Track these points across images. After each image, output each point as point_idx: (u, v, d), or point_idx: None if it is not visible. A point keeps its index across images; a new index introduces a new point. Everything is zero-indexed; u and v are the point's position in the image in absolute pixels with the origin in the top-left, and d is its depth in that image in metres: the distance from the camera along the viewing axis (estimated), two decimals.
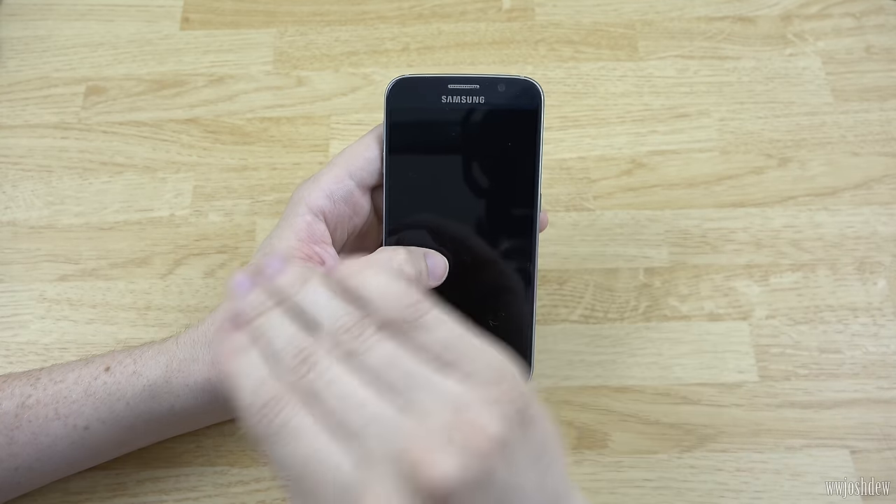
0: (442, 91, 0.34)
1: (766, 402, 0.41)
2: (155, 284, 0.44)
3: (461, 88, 0.34)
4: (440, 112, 0.35)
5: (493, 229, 0.35)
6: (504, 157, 0.35)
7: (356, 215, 0.36)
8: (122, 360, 0.35)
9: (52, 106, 0.50)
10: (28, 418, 0.34)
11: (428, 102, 0.35)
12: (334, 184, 0.35)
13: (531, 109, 0.34)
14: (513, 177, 0.35)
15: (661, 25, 0.53)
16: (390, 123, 0.35)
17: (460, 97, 0.35)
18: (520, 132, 0.35)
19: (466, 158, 0.35)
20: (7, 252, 0.46)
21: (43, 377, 0.35)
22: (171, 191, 0.47)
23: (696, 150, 0.48)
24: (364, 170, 0.35)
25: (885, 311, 0.43)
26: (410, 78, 0.35)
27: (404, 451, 0.20)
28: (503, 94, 0.34)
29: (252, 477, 0.39)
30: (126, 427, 0.35)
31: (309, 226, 0.34)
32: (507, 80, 0.34)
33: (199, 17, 0.54)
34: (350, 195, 0.35)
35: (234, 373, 0.23)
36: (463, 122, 0.35)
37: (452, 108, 0.35)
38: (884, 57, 0.51)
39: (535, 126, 0.34)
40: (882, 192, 0.46)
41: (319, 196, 0.34)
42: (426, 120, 0.35)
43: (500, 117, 0.35)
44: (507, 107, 0.34)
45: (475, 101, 0.35)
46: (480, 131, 0.35)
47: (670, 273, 0.44)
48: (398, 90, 0.35)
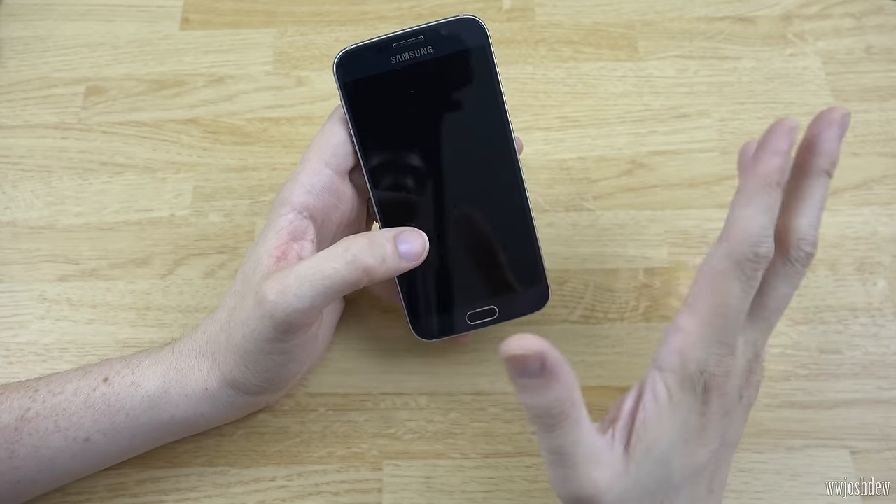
0: (389, 52, 0.34)
1: (765, 402, 0.41)
2: (155, 285, 0.44)
3: (407, 44, 0.34)
4: (393, 73, 0.35)
5: (477, 170, 0.36)
6: (468, 99, 0.35)
7: (341, 203, 0.36)
8: (119, 370, 0.35)
9: (52, 106, 0.50)
10: (28, 431, 0.34)
11: (378, 67, 0.35)
12: (312, 177, 0.34)
13: (480, 45, 0.35)
14: (481, 114, 0.35)
15: (661, 25, 0.53)
16: (348, 99, 0.35)
17: (408, 52, 0.34)
18: (475, 70, 0.35)
19: (432, 111, 0.35)
20: (7, 252, 0.46)
21: (41, 389, 0.35)
22: (171, 191, 0.47)
23: (696, 151, 0.48)
24: (337, 155, 0.35)
25: (885, 311, 0.43)
26: (354, 48, 0.34)
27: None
28: (448, 37, 0.34)
29: (252, 477, 0.39)
30: (127, 437, 0.35)
31: (291, 223, 0.34)
32: (449, 23, 0.34)
33: (199, 18, 0.54)
34: (330, 184, 0.35)
35: (718, 288, 0.28)
36: (418, 76, 0.35)
37: (404, 65, 0.34)
38: (884, 57, 0.51)
39: (488, 59, 0.35)
40: (882, 192, 0.46)
41: (300, 192, 0.34)
42: (381, 85, 0.35)
43: (452, 61, 0.35)
44: (456, 49, 0.35)
45: (424, 53, 0.34)
46: (438, 80, 0.35)
47: (670, 273, 0.44)
48: (345, 63, 0.34)
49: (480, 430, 0.40)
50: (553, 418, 0.27)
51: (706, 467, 0.29)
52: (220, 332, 0.35)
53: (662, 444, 0.28)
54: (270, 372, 0.34)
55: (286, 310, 0.32)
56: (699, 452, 0.29)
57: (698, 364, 0.28)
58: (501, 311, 0.38)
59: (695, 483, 0.29)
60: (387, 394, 0.41)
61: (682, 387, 0.28)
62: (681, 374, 0.28)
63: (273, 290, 0.32)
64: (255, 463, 0.40)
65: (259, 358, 0.34)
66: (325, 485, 0.39)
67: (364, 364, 0.42)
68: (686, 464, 0.29)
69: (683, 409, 0.28)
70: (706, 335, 0.28)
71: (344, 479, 0.39)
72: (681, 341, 0.28)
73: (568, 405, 0.27)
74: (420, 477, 0.39)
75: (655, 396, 0.28)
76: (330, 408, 0.41)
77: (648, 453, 0.28)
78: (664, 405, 0.28)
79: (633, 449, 0.28)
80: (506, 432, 0.40)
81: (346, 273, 0.32)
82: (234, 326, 0.34)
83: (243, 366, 0.34)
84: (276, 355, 0.34)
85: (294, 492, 0.39)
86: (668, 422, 0.28)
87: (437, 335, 0.38)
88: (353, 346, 0.43)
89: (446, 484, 0.39)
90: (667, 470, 0.28)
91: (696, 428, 0.28)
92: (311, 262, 0.32)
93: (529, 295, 0.38)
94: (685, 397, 0.28)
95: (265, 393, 0.37)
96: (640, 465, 0.28)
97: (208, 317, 0.37)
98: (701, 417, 0.28)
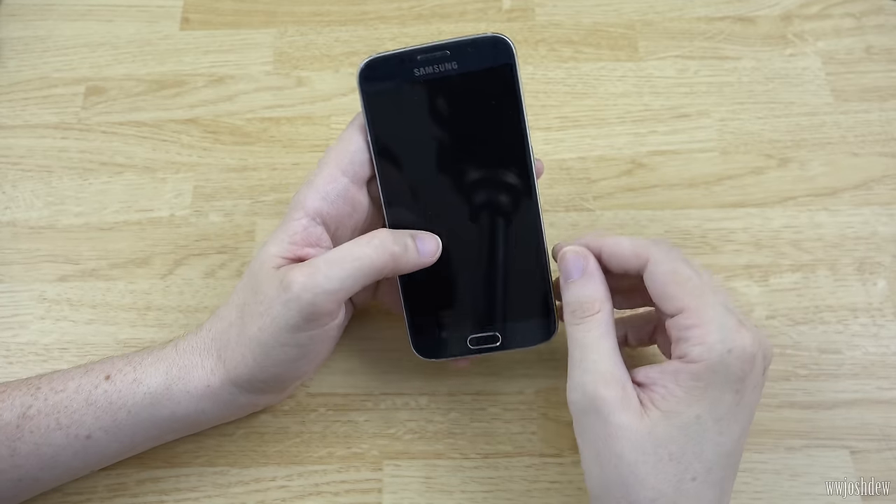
0: (413, 64, 0.34)
1: (765, 402, 0.41)
2: (155, 285, 0.44)
3: (432, 58, 0.34)
4: (416, 85, 0.34)
5: (493, 192, 0.35)
6: (489, 117, 0.35)
7: (355, 212, 0.36)
8: (121, 367, 0.35)
9: (52, 106, 0.50)
10: (30, 429, 0.34)
11: (401, 79, 0.34)
12: (328, 184, 0.34)
13: (506, 63, 0.34)
14: (501, 135, 0.35)
15: (661, 25, 0.53)
16: (369, 108, 0.35)
17: (433, 66, 0.34)
18: (499, 88, 0.34)
19: (452, 126, 0.35)
20: (7, 252, 0.46)
21: (43, 386, 0.35)
22: (171, 191, 0.47)
23: (696, 151, 0.48)
24: (354, 163, 0.35)
25: (885, 311, 0.43)
26: (379, 57, 0.34)
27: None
28: (475, 54, 0.34)
29: (252, 477, 0.39)
30: (128, 434, 0.35)
31: (304, 229, 0.34)
32: (476, 40, 0.34)
33: (199, 18, 0.54)
34: (346, 192, 0.35)
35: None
36: (441, 90, 0.34)
37: (427, 79, 0.34)
38: (884, 57, 0.51)
39: (513, 78, 0.34)
40: (882, 192, 0.46)
41: (315, 199, 0.34)
42: (404, 96, 0.34)
43: (476, 78, 0.34)
44: (481, 66, 0.34)
45: (449, 68, 0.34)
46: (460, 96, 0.34)
47: None
48: (369, 72, 0.34)
49: (480, 430, 0.40)
50: (584, 311, 0.33)
51: (737, 445, 0.31)
52: (229, 327, 0.35)
53: (685, 416, 0.30)
54: (279, 367, 0.34)
55: (315, 291, 0.32)
56: (733, 428, 0.30)
57: (723, 344, 0.30)
58: (505, 339, 0.37)
59: (727, 464, 0.30)
60: (387, 394, 0.41)
61: (711, 370, 0.30)
62: (708, 360, 0.30)
63: (302, 273, 0.32)
64: (255, 463, 0.40)
65: (272, 351, 0.34)
66: (326, 485, 0.39)
67: (364, 364, 0.42)
68: (720, 441, 0.30)
69: (715, 388, 0.30)
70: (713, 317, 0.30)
71: (344, 479, 0.39)
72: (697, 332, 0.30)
73: (599, 304, 0.33)
74: (420, 477, 0.39)
75: (678, 380, 0.30)
76: (330, 408, 0.41)
77: (667, 419, 0.30)
78: (687, 388, 0.30)
79: (646, 408, 0.31)
80: (506, 432, 0.40)
81: (375, 256, 0.33)
82: (249, 319, 0.34)
83: (252, 360, 0.34)
84: (290, 347, 0.34)
85: (294, 492, 0.39)
86: (696, 399, 0.30)
87: (436, 355, 0.38)
88: (354, 346, 0.43)
89: (446, 484, 0.39)
90: (696, 444, 0.30)
91: (730, 404, 0.30)
92: (340, 249, 0.33)
93: (535, 326, 0.37)
94: (716, 378, 0.30)
95: (267, 392, 0.37)
96: (657, 423, 0.30)
97: (212, 315, 0.37)
98: (736, 394, 0.30)
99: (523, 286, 0.36)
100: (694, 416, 0.30)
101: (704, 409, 0.30)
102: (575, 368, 0.32)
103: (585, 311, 0.33)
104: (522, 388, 0.41)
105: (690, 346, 0.30)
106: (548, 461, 0.39)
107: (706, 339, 0.30)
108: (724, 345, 0.30)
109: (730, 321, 0.30)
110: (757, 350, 0.30)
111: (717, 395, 0.30)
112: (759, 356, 0.31)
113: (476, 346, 0.37)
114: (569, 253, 0.34)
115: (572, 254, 0.34)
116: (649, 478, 0.29)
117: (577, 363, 0.32)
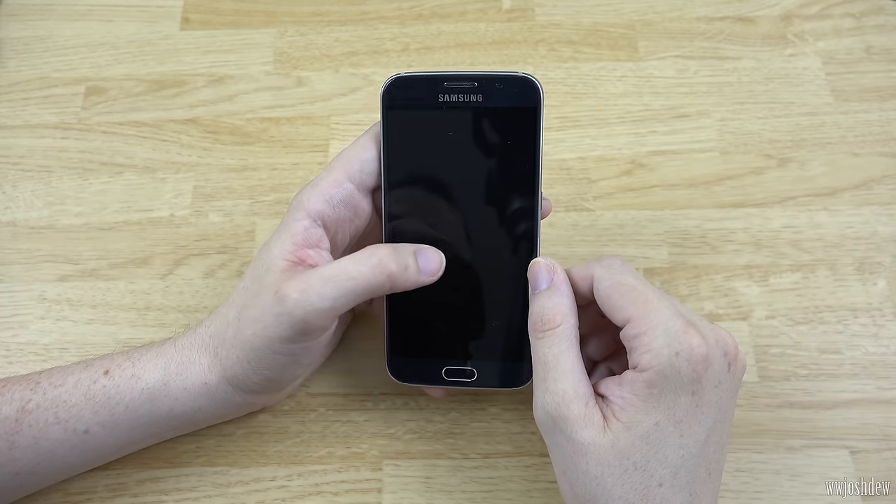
0: (439, 89, 0.34)
1: (765, 402, 0.41)
2: (155, 285, 0.45)
3: (458, 87, 0.34)
4: (437, 111, 0.34)
5: (493, 230, 0.35)
6: (504, 156, 0.34)
7: (357, 218, 0.36)
8: (120, 363, 0.35)
9: (51, 106, 0.50)
10: (28, 423, 0.34)
11: (425, 101, 0.34)
12: (333, 188, 0.34)
13: (530, 107, 0.34)
14: (513, 176, 0.35)
15: (661, 26, 0.53)
16: (387, 123, 0.34)
17: (457, 95, 0.34)
18: (519, 129, 0.34)
19: (465, 157, 0.35)
20: (7, 252, 0.46)
21: (42, 381, 0.35)
22: (171, 191, 0.47)
23: (696, 151, 0.48)
24: (363, 172, 0.35)
25: (884, 311, 0.43)
26: (407, 76, 0.34)
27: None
28: (501, 91, 0.34)
29: (252, 477, 0.39)
30: (126, 430, 0.35)
31: (305, 230, 0.34)
32: (505, 77, 0.34)
33: (199, 18, 0.54)
34: (350, 198, 0.35)
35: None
36: (461, 120, 0.34)
37: (450, 106, 0.34)
38: (884, 57, 0.51)
39: (535, 123, 0.34)
40: (882, 192, 0.46)
41: (318, 201, 0.34)
42: (423, 119, 0.34)
43: (498, 115, 0.34)
44: (505, 104, 0.34)
45: (473, 99, 0.34)
46: (479, 130, 0.34)
47: (670, 273, 0.44)
48: (394, 89, 0.34)
49: (480, 430, 0.40)
50: (544, 324, 0.32)
51: (705, 447, 0.30)
52: (227, 327, 0.35)
53: (644, 425, 0.30)
54: (272, 371, 0.34)
55: (306, 308, 0.32)
56: (695, 430, 0.30)
57: (670, 348, 0.30)
58: (480, 377, 0.36)
59: (694, 465, 0.30)
60: (387, 394, 0.41)
61: (662, 375, 0.30)
62: (657, 366, 0.30)
63: (296, 288, 0.32)
64: (255, 463, 0.40)
65: (264, 356, 0.34)
66: (325, 485, 0.39)
67: (364, 364, 0.42)
68: (682, 444, 0.30)
69: (669, 393, 0.30)
70: (659, 322, 0.30)
71: (344, 479, 0.39)
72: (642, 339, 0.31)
73: (561, 317, 0.32)
74: (420, 477, 0.39)
75: (633, 390, 0.30)
76: (330, 408, 0.41)
77: (628, 430, 0.30)
78: (642, 396, 0.30)
79: (608, 421, 0.30)
80: (506, 432, 0.40)
81: (371, 276, 0.32)
82: (245, 322, 0.34)
83: (246, 362, 0.34)
84: (282, 356, 0.34)
85: (294, 492, 0.39)
86: (652, 406, 0.30)
87: (409, 379, 0.37)
88: (354, 346, 0.43)
89: (446, 484, 0.39)
90: (659, 451, 0.29)
91: (687, 406, 0.30)
92: (335, 265, 0.32)
93: (511, 370, 0.36)
94: (668, 382, 0.30)
95: (263, 393, 0.37)
96: (619, 435, 0.30)
97: (213, 313, 0.37)
98: (692, 396, 0.30)
99: (505, 328, 0.36)
100: (653, 424, 0.30)
101: (662, 414, 0.30)
102: (538, 387, 0.32)
103: (546, 325, 0.32)
104: (522, 388, 0.41)
105: (640, 355, 0.30)
106: (548, 461, 0.39)
107: (653, 345, 0.30)
108: (671, 348, 0.30)
109: (676, 324, 0.30)
110: (709, 349, 0.30)
111: (673, 399, 0.30)
112: (716, 354, 0.30)
113: (450, 377, 0.37)
114: (538, 264, 0.34)
115: (540, 265, 0.34)
116: (616, 489, 0.29)
117: (541, 381, 0.32)
